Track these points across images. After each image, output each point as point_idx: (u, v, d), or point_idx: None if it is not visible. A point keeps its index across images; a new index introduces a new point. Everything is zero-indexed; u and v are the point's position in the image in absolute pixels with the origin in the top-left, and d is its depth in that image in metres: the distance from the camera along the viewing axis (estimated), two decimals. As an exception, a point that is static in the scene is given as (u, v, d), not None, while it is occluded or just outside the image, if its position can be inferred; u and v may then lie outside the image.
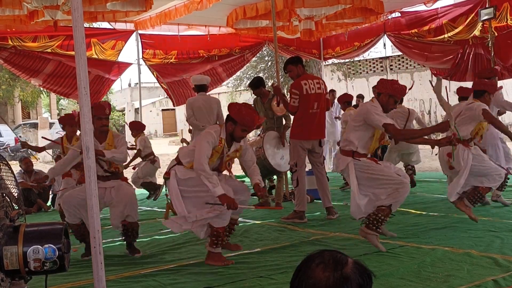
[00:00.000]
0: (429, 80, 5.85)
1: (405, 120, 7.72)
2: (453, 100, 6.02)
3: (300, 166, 6.26)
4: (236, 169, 10.26)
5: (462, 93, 6.82)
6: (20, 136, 22.44)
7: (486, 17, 8.37)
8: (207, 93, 7.33)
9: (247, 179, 8.74)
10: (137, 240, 5.25)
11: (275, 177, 7.69)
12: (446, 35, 9.69)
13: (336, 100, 10.99)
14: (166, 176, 4.50)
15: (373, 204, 4.62)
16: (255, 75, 20.00)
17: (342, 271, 1.36)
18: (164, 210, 7.75)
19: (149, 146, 8.58)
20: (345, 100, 9.08)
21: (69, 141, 6.62)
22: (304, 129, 6.18)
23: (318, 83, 6.21)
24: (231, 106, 4.48)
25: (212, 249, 4.48)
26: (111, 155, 4.92)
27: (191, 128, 7.63)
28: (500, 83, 9.54)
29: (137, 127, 8.69)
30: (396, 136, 5.05)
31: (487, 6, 8.57)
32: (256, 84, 7.47)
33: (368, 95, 13.42)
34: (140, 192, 8.68)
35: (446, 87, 5.96)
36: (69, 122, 6.74)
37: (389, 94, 4.64)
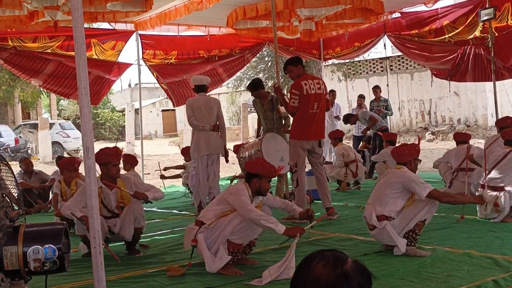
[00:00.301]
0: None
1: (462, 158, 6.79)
2: (451, 100, 6.05)
3: (300, 167, 6.26)
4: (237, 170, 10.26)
5: (459, 138, 7.06)
6: (20, 137, 22.44)
7: (486, 18, 8.38)
8: (207, 94, 7.33)
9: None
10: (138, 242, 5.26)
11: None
12: (446, 36, 9.69)
13: (336, 101, 11.02)
14: (194, 244, 4.26)
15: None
16: (255, 76, 20.04)
17: (343, 268, 1.37)
18: (164, 209, 7.77)
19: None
20: (336, 136, 9.12)
21: (67, 185, 6.42)
22: (304, 130, 6.18)
23: (318, 83, 6.21)
24: (250, 164, 4.38)
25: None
26: (153, 195, 4.92)
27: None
28: (500, 83, 9.54)
29: (131, 161, 7.64)
30: (443, 200, 4.69)
31: (487, 6, 8.57)
32: (255, 86, 7.47)
33: (368, 96, 13.42)
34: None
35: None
36: (67, 167, 6.46)
37: (415, 158, 4.67)
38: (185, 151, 8.62)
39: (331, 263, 1.38)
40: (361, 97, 11.58)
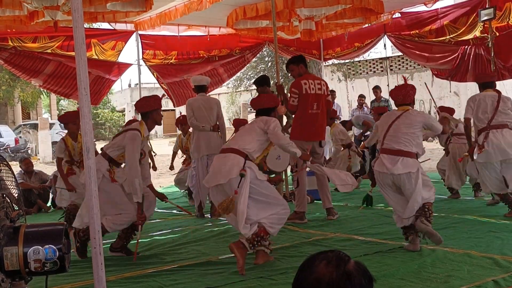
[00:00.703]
0: (425, 83, 6.05)
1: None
2: (451, 101, 6.04)
3: (300, 167, 6.26)
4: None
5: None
6: (20, 137, 22.44)
7: (486, 18, 8.38)
8: (207, 94, 7.33)
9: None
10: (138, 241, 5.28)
11: None
12: (447, 36, 9.69)
13: (336, 101, 11.01)
14: (243, 173, 4.31)
15: None
16: (255, 76, 20.02)
17: (345, 268, 1.38)
18: (164, 210, 7.77)
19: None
20: (330, 116, 9.01)
21: (73, 139, 6.29)
22: (304, 130, 6.17)
23: (319, 84, 6.20)
24: (256, 100, 4.87)
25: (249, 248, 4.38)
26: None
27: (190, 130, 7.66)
28: (500, 83, 9.55)
29: None
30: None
31: (487, 6, 8.57)
32: (261, 82, 7.46)
33: (368, 96, 13.44)
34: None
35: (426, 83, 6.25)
36: (72, 119, 6.35)
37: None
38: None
39: (334, 263, 1.39)
40: (362, 97, 11.59)
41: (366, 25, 10.65)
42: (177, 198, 9.24)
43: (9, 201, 2.62)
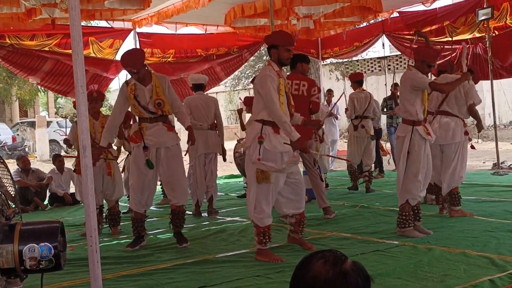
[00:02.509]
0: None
1: (367, 103, 8.18)
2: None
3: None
4: (233, 169, 10.27)
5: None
6: (17, 135, 22.41)
7: (483, 17, 8.40)
8: (205, 92, 7.33)
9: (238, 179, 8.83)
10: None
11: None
12: (447, 36, 9.70)
13: (333, 99, 10.97)
14: (261, 140, 4.34)
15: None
16: (253, 75, 20.02)
17: (342, 267, 1.38)
18: (161, 208, 7.77)
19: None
20: (355, 79, 8.73)
21: (95, 118, 6.07)
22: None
23: (297, 84, 6.01)
24: (267, 37, 4.71)
25: (261, 247, 4.48)
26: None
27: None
28: (497, 82, 9.56)
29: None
30: (444, 90, 5.39)
31: (484, 6, 8.59)
32: None
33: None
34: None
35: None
36: (88, 98, 6.38)
37: (422, 60, 5.04)
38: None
39: (331, 262, 1.40)
40: (330, 92, 11.20)
41: (364, 24, 10.65)
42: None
43: (5, 198, 2.62)
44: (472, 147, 6.49)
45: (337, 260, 1.41)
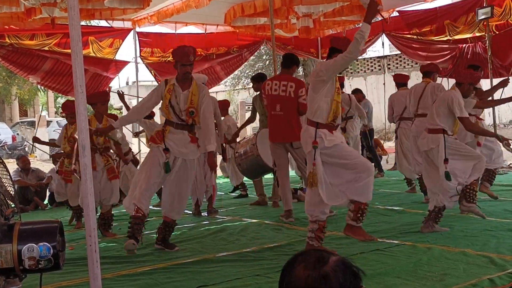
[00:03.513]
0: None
1: (348, 105, 8.25)
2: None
3: (278, 166, 6.24)
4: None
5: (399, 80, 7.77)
6: (17, 134, 22.40)
7: (483, 17, 8.39)
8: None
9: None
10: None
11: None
12: (447, 35, 9.70)
13: None
14: (316, 145, 4.29)
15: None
16: (253, 74, 20.02)
17: (321, 270, 1.34)
18: (158, 208, 7.75)
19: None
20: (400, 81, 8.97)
21: (98, 121, 5.84)
22: (270, 131, 6.20)
23: (284, 85, 5.96)
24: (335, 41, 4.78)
25: (355, 224, 4.45)
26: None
27: None
28: (496, 81, 9.57)
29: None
30: (467, 128, 5.41)
31: (484, 5, 8.58)
32: (257, 79, 7.48)
33: (366, 94, 13.39)
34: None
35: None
36: (101, 99, 5.97)
37: (469, 82, 5.23)
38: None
39: (311, 265, 1.35)
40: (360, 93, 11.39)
41: (364, 23, 10.61)
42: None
43: (4, 198, 2.62)
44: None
45: (317, 263, 1.36)
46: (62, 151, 6.83)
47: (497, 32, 8.98)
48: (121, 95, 7.19)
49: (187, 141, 4.85)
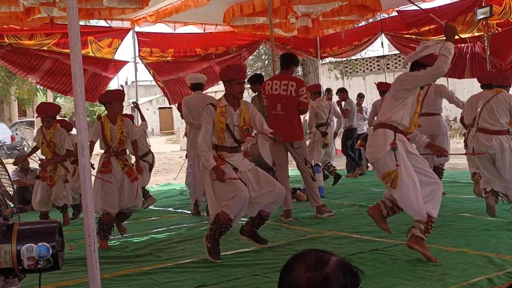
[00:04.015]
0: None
1: (329, 111, 8.84)
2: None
3: (278, 166, 6.24)
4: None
5: (382, 87, 7.86)
6: (16, 134, 22.39)
7: (482, 16, 8.38)
8: (204, 92, 7.34)
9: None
10: (134, 240, 5.27)
11: None
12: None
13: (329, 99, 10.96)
14: (395, 146, 4.16)
15: None
16: (252, 74, 20.04)
17: (322, 271, 1.34)
18: (160, 207, 7.76)
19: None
20: (314, 90, 9.19)
21: (112, 122, 5.42)
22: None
23: (285, 85, 5.98)
24: (220, 73, 4.80)
25: (423, 236, 4.19)
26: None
27: (187, 131, 7.68)
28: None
29: None
30: None
31: (483, 5, 8.58)
32: (252, 80, 7.50)
33: (365, 94, 13.41)
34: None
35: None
36: (117, 97, 5.51)
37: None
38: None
39: (312, 266, 1.36)
40: (361, 97, 11.53)
41: (363, 23, 10.62)
42: (173, 196, 9.24)
43: (3, 198, 2.62)
44: None
45: (318, 264, 1.36)
46: (44, 157, 6.73)
47: (499, 29, 8.96)
48: (137, 106, 7.25)
49: (242, 157, 4.85)
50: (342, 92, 10.83)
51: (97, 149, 5.69)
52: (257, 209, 4.74)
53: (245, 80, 4.85)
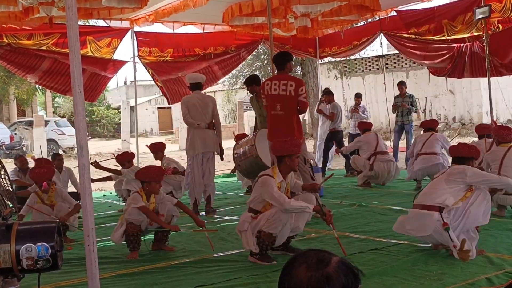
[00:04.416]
0: None
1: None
2: (446, 99, 6.11)
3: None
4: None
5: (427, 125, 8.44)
6: (15, 134, 22.37)
7: (481, 16, 8.39)
8: (202, 91, 7.34)
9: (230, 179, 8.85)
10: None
11: None
12: (445, 34, 9.69)
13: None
14: (447, 227, 4.20)
15: None
16: (251, 74, 20.03)
17: (324, 271, 1.35)
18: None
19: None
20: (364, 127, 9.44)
21: (147, 199, 4.97)
22: (269, 130, 6.20)
23: (284, 85, 5.97)
24: (279, 149, 4.61)
25: None
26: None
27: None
28: (495, 81, 9.55)
29: (160, 149, 7.95)
30: None
31: (482, 4, 8.58)
32: (250, 82, 7.51)
33: (364, 94, 13.47)
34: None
35: None
36: (158, 178, 5.02)
37: None
38: (121, 158, 7.46)
39: (313, 266, 1.36)
40: (359, 97, 11.52)
41: (362, 23, 10.61)
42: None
43: (2, 198, 2.62)
44: None
45: (319, 264, 1.37)
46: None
47: (500, 26, 8.95)
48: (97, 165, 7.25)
49: None
50: (328, 94, 10.76)
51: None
52: None
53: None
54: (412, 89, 21.47)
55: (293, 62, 6.22)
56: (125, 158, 7.44)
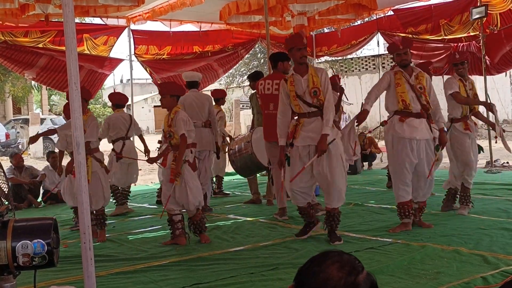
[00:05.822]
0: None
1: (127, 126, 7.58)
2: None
3: (273, 164, 6.25)
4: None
5: None
6: (12, 131, 22.31)
7: (477, 16, 8.42)
8: (200, 90, 7.34)
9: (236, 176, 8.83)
10: (129, 238, 5.22)
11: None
12: (442, 34, 9.72)
13: None
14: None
15: None
16: (248, 72, 20.02)
17: (356, 278, 1.36)
18: (155, 205, 7.75)
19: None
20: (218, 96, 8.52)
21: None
22: (264, 130, 6.22)
23: (277, 84, 5.92)
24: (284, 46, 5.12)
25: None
26: None
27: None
28: (491, 81, 9.61)
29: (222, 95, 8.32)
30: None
31: (478, 4, 8.61)
32: (254, 77, 7.48)
33: (360, 93, 13.49)
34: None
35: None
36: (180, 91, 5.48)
37: None
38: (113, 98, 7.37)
39: (347, 269, 1.37)
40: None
41: (359, 22, 10.62)
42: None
43: (-2, 195, 2.61)
44: None
45: (353, 270, 1.37)
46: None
47: (499, 19, 8.98)
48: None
49: (320, 128, 4.82)
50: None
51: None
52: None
53: (305, 45, 4.92)
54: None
55: (287, 62, 6.19)
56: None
